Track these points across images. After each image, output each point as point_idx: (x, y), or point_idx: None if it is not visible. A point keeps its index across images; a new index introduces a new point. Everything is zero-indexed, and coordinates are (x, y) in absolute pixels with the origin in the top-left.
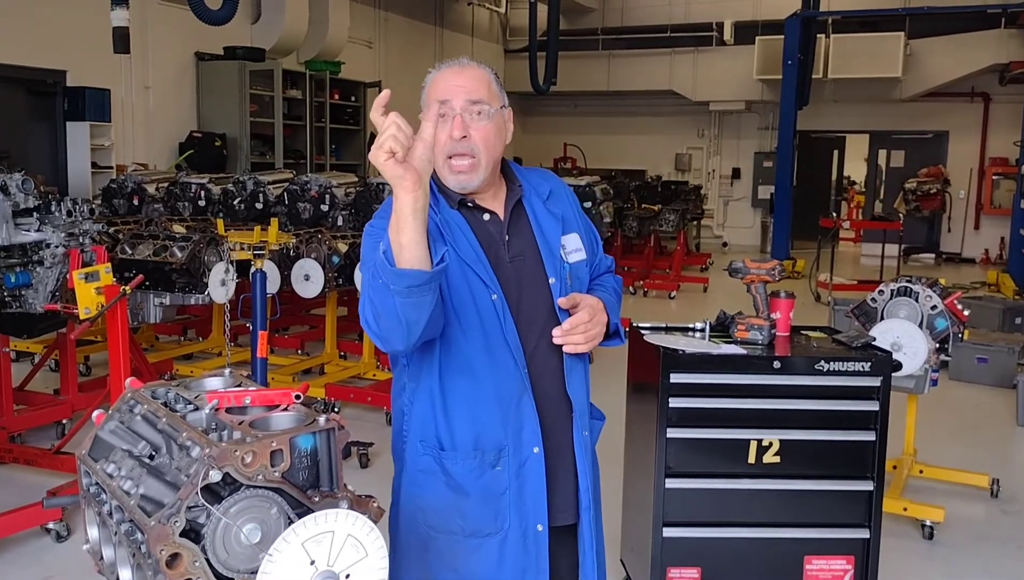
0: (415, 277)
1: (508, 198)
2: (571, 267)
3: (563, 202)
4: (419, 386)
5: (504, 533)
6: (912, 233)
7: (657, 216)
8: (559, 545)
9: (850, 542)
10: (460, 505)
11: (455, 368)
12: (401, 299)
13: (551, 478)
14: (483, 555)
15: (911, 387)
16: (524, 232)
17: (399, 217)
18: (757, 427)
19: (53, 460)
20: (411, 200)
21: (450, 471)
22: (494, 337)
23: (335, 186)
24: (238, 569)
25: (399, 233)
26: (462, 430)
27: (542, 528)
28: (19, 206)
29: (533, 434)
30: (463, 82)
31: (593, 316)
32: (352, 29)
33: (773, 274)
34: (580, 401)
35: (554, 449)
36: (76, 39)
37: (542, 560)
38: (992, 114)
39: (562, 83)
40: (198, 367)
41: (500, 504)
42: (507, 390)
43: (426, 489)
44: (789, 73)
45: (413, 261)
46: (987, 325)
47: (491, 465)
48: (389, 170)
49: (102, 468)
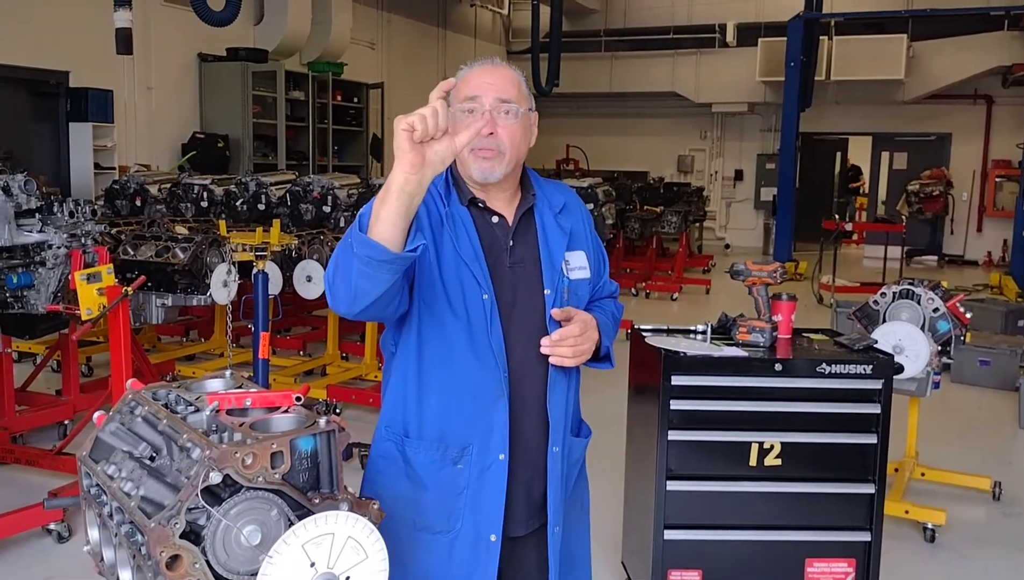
0: (377, 251)
1: (520, 205)
2: (571, 283)
3: (575, 218)
4: (394, 369)
5: (455, 534)
6: (915, 235)
7: (659, 218)
8: (525, 550)
9: (851, 545)
10: (416, 497)
11: (436, 359)
12: (359, 265)
13: (518, 486)
14: (432, 552)
15: (913, 390)
16: (529, 241)
17: (387, 189)
18: (758, 430)
19: (55, 461)
20: (402, 179)
21: (411, 460)
22: (479, 336)
23: (337, 187)
24: (238, 571)
25: (381, 204)
26: (430, 420)
27: (495, 539)
28: (21, 207)
29: (501, 440)
30: (494, 80)
31: (584, 331)
32: (355, 30)
33: (775, 276)
34: (557, 416)
35: (525, 459)
36: (79, 40)
37: (491, 568)
38: (995, 116)
39: (565, 84)
40: (200, 368)
41: (456, 503)
42: (484, 391)
43: (384, 476)
44: (792, 75)
45: (384, 236)
46: (989, 327)
47: (453, 461)
48: (400, 141)
49: (103, 469)
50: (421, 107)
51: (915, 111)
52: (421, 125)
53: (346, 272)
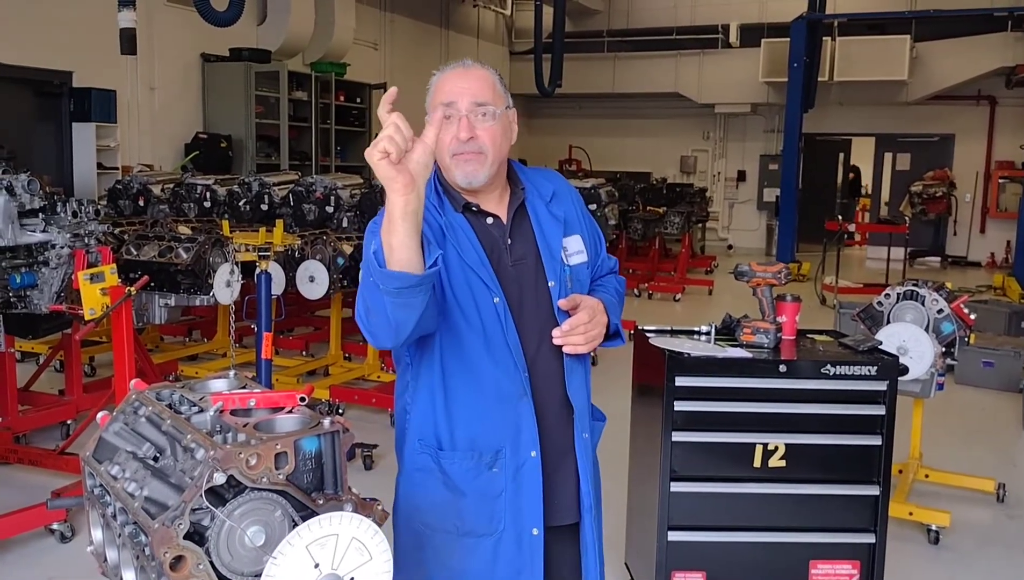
0: (404, 279)
1: (511, 201)
2: (572, 270)
3: (566, 203)
4: (420, 384)
5: (499, 535)
6: (918, 236)
7: (662, 218)
8: (560, 544)
9: (856, 547)
10: (456, 504)
11: (456, 368)
12: (391, 299)
13: (551, 480)
14: (478, 555)
15: (917, 391)
16: (526, 235)
17: (390, 219)
18: (763, 431)
19: (57, 461)
20: (402, 203)
21: (447, 471)
22: (495, 340)
23: (340, 188)
24: (242, 572)
25: (390, 234)
26: (460, 430)
27: (537, 532)
28: (25, 207)
29: (531, 438)
30: (468, 84)
31: (593, 317)
32: (358, 31)
33: (779, 277)
34: (581, 403)
35: (554, 452)
36: (82, 40)
37: (536, 563)
38: (998, 117)
39: (567, 85)
40: (203, 368)
41: (496, 506)
42: (507, 393)
43: (423, 487)
44: (795, 76)
45: (403, 263)
46: (993, 329)
47: (488, 466)
48: (382, 170)
49: (106, 470)
50: (390, 121)
51: (918, 112)
52: (393, 146)
53: (379, 311)
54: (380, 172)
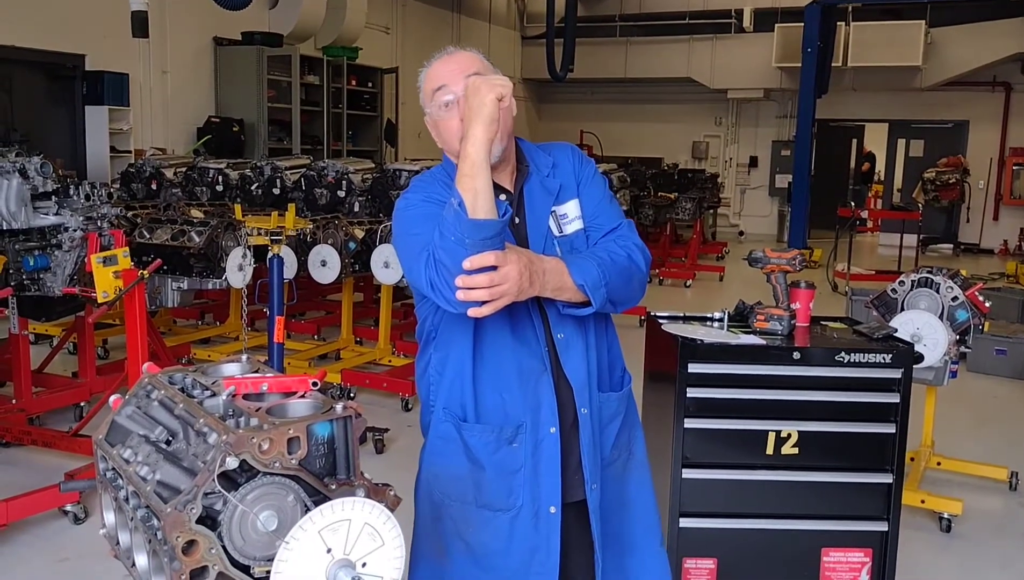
0: (491, 226)
1: (518, 179)
2: (567, 239)
3: (564, 172)
4: (449, 355)
5: (516, 511)
6: (930, 223)
7: (673, 204)
8: (579, 525)
9: (868, 534)
10: (476, 476)
11: (485, 342)
12: (475, 252)
13: (567, 456)
14: (494, 529)
15: (930, 379)
16: (523, 212)
17: (473, 164)
18: (776, 418)
19: (71, 442)
20: (492, 145)
21: (468, 442)
22: (520, 314)
23: (352, 172)
24: (254, 556)
25: (473, 179)
26: (485, 403)
27: (555, 510)
28: (38, 190)
29: (551, 413)
30: (455, 65)
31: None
32: (370, 15)
33: (794, 264)
34: (579, 378)
35: (568, 427)
36: (95, 23)
37: (553, 540)
38: (1013, 103)
39: (579, 70)
40: (215, 351)
41: (514, 481)
42: (528, 368)
43: (444, 456)
44: (808, 61)
45: (488, 209)
46: (1005, 317)
47: (508, 441)
48: (490, 109)
49: (119, 453)
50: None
51: (932, 98)
52: (508, 93)
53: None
54: (488, 110)
